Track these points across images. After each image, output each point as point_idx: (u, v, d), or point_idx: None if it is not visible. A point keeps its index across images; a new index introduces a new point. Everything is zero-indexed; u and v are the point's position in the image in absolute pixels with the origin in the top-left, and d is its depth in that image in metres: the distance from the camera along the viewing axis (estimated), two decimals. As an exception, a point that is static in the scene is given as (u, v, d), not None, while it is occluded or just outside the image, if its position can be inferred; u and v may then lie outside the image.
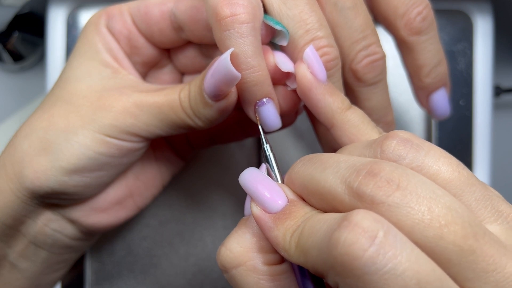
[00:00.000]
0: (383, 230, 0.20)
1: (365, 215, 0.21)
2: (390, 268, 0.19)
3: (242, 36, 0.29)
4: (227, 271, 0.27)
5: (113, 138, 0.33)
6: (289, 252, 0.24)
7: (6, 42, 0.53)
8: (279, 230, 0.25)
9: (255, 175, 0.27)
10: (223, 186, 0.45)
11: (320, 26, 0.31)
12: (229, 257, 0.27)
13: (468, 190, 0.24)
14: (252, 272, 0.26)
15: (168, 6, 0.34)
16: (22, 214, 0.34)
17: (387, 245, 0.20)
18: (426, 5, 0.34)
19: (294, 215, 0.25)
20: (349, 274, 0.20)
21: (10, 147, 0.34)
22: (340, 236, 0.20)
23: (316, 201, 0.25)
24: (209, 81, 0.30)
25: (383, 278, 0.19)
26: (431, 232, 0.21)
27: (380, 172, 0.22)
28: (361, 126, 0.29)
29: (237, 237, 0.27)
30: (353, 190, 0.22)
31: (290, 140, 0.45)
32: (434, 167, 0.24)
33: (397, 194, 0.22)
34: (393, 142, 0.25)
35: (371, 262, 0.20)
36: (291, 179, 0.27)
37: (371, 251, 0.20)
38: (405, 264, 0.20)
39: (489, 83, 0.47)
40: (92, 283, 0.44)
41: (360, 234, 0.20)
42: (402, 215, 0.21)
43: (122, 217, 0.38)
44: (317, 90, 0.30)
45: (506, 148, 0.59)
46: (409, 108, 0.46)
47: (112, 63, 0.35)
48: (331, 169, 0.24)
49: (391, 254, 0.20)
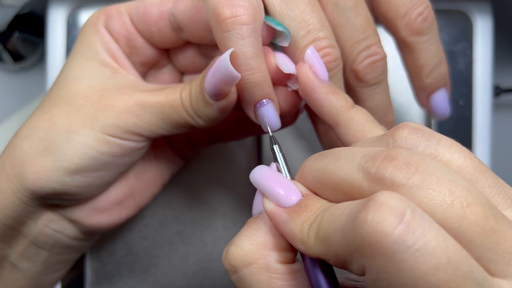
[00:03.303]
0: (410, 209, 0.20)
1: (390, 194, 0.20)
2: (421, 246, 0.19)
3: (242, 37, 0.29)
4: (236, 271, 0.26)
5: (116, 137, 0.33)
6: (308, 244, 0.23)
7: (6, 42, 0.53)
8: (296, 223, 0.24)
9: (267, 172, 0.26)
10: (223, 186, 0.45)
11: (322, 26, 0.31)
12: (240, 255, 0.25)
13: (481, 177, 0.24)
14: (265, 270, 0.25)
15: (167, 7, 0.34)
16: (23, 214, 0.34)
17: (415, 223, 0.19)
18: (427, 6, 0.34)
19: (310, 208, 0.24)
20: (378, 253, 0.19)
21: (10, 147, 0.34)
22: (367, 216, 0.20)
23: (331, 194, 0.25)
24: (210, 80, 0.30)
25: (414, 256, 0.19)
26: (454, 212, 0.21)
27: (398, 156, 0.22)
28: (365, 124, 0.29)
29: (248, 235, 0.26)
30: (371, 175, 0.22)
31: (291, 140, 0.45)
32: (447, 155, 0.24)
33: (417, 176, 0.21)
34: (405, 131, 0.25)
35: (401, 240, 0.19)
36: (303, 175, 0.26)
37: (400, 229, 0.19)
38: (434, 242, 0.19)
39: (489, 83, 0.47)
40: (92, 283, 0.44)
41: (388, 212, 0.20)
42: (424, 196, 0.21)
43: (122, 216, 0.38)
44: (320, 89, 0.30)
45: (506, 148, 0.59)
46: (409, 108, 0.46)
47: (112, 63, 0.35)
48: (345, 159, 0.24)
49: (420, 233, 0.19)
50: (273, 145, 0.29)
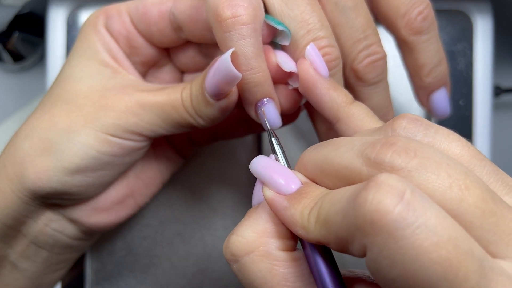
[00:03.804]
0: (410, 189, 0.20)
1: (390, 175, 0.21)
2: (421, 223, 0.19)
3: (243, 37, 0.29)
4: (237, 260, 0.26)
5: (116, 137, 0.33)
6: (308, 229, 0.23)
7: (6, 42, 0.53)
8: (296, 209, 0.24)
9: (267, 162, 0.27)
10: (224, 185, 0.45)
11: (322, 26, 0.31)
12: (241, 243, 0.25)
13: (479, 165, 0.24)
14: (266, 257, 0.25)
15: (166, 6, 0.34)
16: (23, 214, 0.34)
17: (415, 201, 0.20)
18: (427, 5, 0.34)
19: (310, 195, 0.25)
20: (379, 231, 0.20)
21: (10, 147, 0.34)
22: (367, 195, 0.20)
23: (330, 181, 0.25)
24: (210, 80, 0.30)
25: (415, 233, 0.19)
26: (453, 195, 0.21)
27: (397, 142, 0.22)
28: (366, 119, 0.30)
29: (249, 224, 0.26)
30: (371, 161, 0.22)
31: (291, 140, 0.45)
32: (445, 143, 0.24)
33: (416, 160, 0.22)
34: (403, 121, 0.25)
35: (401, 217, 0.19)
36: (302, 165, 0.26)
37: (401, 207, 0.19)
38: (434, 220, 0.19)
39: (489, 83, 0.47)
40: (92, 283, 0.44)
41: (388, 191, 0.20)
42: (423, 180, 0.21)
43: (122, 216, 0.38)
44: (321, 85, 0.30)
45: (506, 148, 0.59)
46: (409, 108, 0.46)
47: (112, 63, 0.35)
48: (345, 147, 0.24)
49: (421, 211, 0.20)
50: (271, 138, 0.29)
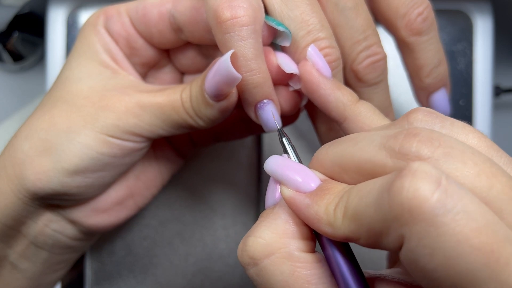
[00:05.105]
0: (444, 176, 0.20)
1: (424, 163, 0.20)
2: (460, 209, 0.19)
3: (242, 38, 0.29)
4: (257, 263, 0.24)
5: (116, 138, 0.32)
6: (335, 224, 0.23)
7: (6, 42, 0.53)
8: (320, 206, 0.24)
9: (283, 161, 0.26)
10: (223, 186, 0.45)
11: (322, 27, 0.31)
12: (260, 245, 0.24)
13: (496, 155, 0.24)
14: (287, 259, 0.24)
15: (166, 7, 0.34)
16: (23, 215, 0.34)
17: (451, 188, 0.20)
18: (427, 6, 0.34)
19: (332, 191, 0.24)
20: (418, 219, 0.19)
21: (10, 148, 0.34)
22: (403, 183, 0.20)
23: (351, 177, 0.24)
24: (210, 81, 0.30)
25: (455, 219, 0.19)
26: (481, 183, 0.21)
27: (420, 133, 0.22)
28: (373, 117, 0.30)
29: (267, 225, 0.25)
30: (395, 152, 0.22)
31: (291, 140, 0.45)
32: (462, 135, 0.24)
33: (441, 150, 0.22)
34: (419, 114, 0.25)
35: (440, 203, 0.19)
36: (319, 162, 0.26)
37: (439, 193, 0.19)
38: (472, 206, 0.19)
39: (489, 83, 0.47)
40: (92, 283, 0.44)
41: (425, 178, 0.20)
42: (451, 168, 0.21)
43: (122, 217, 0.38)
44: (325, 85, 0.30)
45: (506, 148, 0.58)
46: (409, 108, 0.46)
47: (111, 64, 0.35)
48: (364, 141, 0.24)
49: (458, 197, 0.19)
50: (282, 138, 0.29)
